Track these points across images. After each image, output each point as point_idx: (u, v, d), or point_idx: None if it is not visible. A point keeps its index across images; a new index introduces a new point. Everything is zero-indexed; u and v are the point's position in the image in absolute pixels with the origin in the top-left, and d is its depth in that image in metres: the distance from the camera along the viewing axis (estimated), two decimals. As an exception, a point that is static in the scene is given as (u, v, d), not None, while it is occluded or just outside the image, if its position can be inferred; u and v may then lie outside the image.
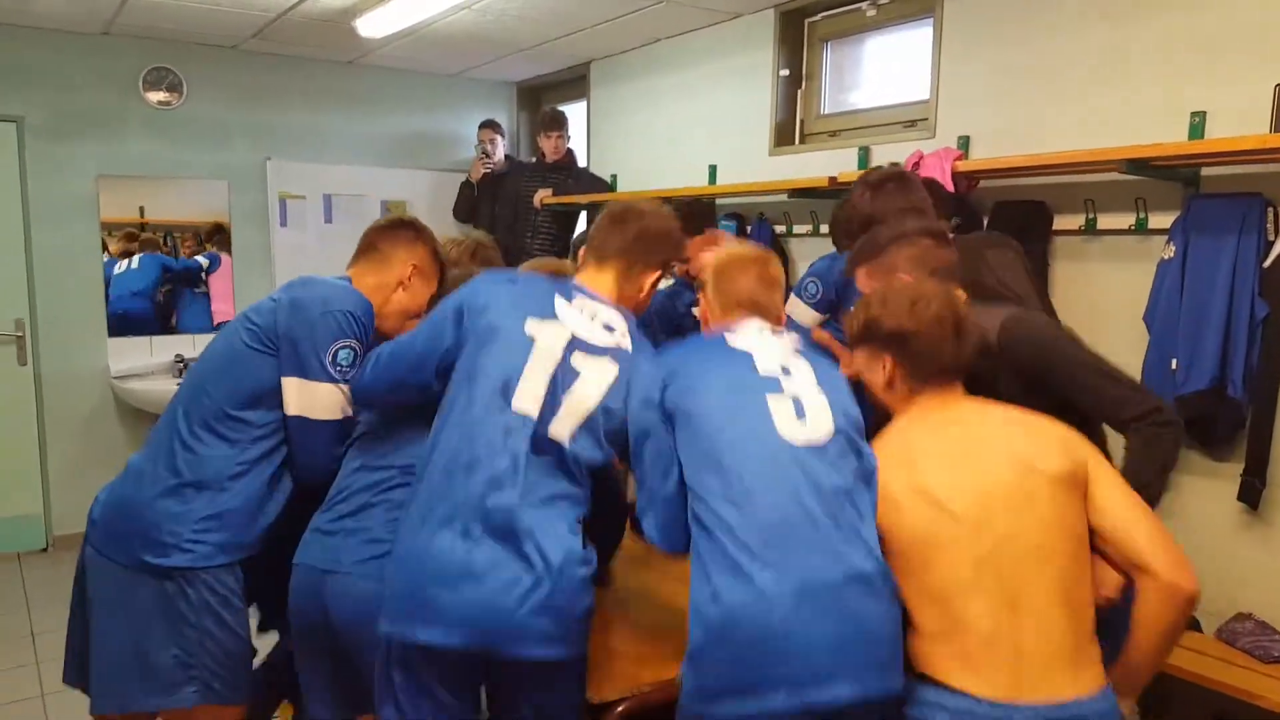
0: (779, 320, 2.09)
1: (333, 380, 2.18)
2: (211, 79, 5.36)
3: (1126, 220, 3.08)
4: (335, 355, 2.18)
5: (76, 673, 2.40)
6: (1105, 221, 3.14)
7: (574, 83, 5.88)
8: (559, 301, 2.01)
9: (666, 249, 2.17)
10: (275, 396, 2.21)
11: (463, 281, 2.18)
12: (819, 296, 2.83)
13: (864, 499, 1.77)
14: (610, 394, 1.96)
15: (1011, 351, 2.04)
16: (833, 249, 2.86)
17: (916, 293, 1.90)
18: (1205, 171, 2.92)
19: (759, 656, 1.63)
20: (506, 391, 1.91)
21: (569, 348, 1.95)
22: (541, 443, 1.89)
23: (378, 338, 2.29)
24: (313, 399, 2.19)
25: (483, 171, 5.71)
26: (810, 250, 4.06)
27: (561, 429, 1.91)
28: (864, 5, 4.06)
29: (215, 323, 5.46)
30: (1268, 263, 2.73)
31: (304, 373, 2.18)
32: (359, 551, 2.03)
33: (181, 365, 5.29)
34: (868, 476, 1.80)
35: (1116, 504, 1.74)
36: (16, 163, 4.95)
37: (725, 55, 4.65)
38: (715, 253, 2.22)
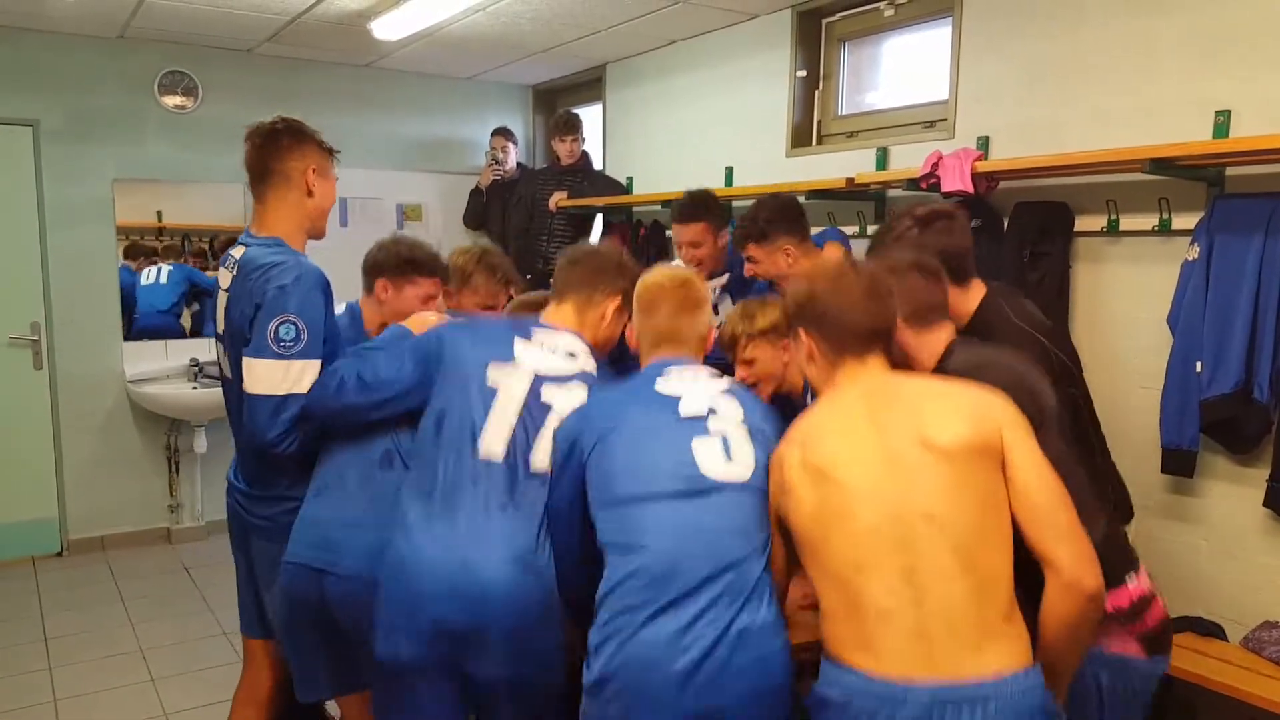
0: (702, 343, 2.17)
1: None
2: (227, 82, 5.37)
3: (1150, 221, 3.03)
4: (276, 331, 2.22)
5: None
6: (1128, 222, 3.09)
7: (589, 85, 5.86)
8: (518, 343, 2.14)
9: (619, 276, 2.27)
10: None
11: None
12: None
13: (767, 528, 1.88)
14: None
15: None
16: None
17: (822, 264, 2.01)
18: (1230, 171, 2.87)
19: (661, 701, 1.74)
20: (474, 438, 2.03)
21: (534, 386, 2.08)
22: (517, 479, 2.01)
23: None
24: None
25: (492, 178, 5.70)
26: (827, 252, 4.02)
27: (544, 463, 2.03)
28: (882, 5, 4.02)
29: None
30: (1294, 264, 2.67)
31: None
32: (360, 553, 2.12)
33: (197, 369, 5.29)
34: None
35: (1032, 488, 1.68)
36: (32, 166, 4.97)
37: (742, 56, 4.63)
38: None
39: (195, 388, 5.23)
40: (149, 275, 5.31)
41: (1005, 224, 3.38)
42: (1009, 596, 1.65)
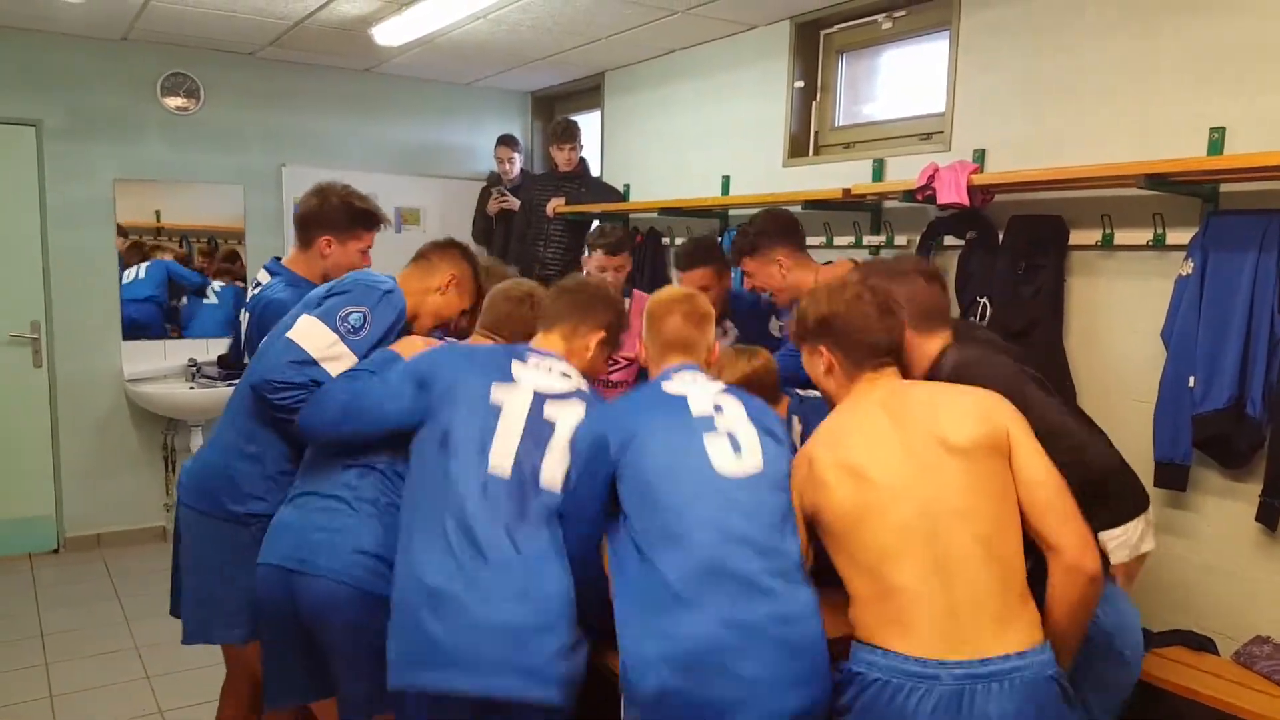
0: (711, 354, 2.28)
1: None
2: (228, 85, 5.40)
3: (1144, 236, 3.05)
4: None
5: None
6: (1122, 237, 3.11)
7: (588, 92, 5.88)
8: (515, 365, 2.20)
9: (605, 310, 2.35)
10: None
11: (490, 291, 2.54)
12: None
13: (792, 517, 1.96)
14: (578, 434, 2.12)
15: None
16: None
17: (837, 282, 2.09)
18: (1224, 188, 2.88)
19: (713, 687, 1.79)
20: (483, 453, 2.07)
21: (536, 404, 2.14)
22: (527, 494, 2.04)
23: (406, 331, 2.52)
24: None
25: (499, 208, 5.72)
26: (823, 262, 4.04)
27: (553, 477, 2.08)
28: (880, 18, 4.05)
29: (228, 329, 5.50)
30: (1288, 280, 2.69)
31: None
32: (333, 555, 2.15)
33: (195, 369, 5.30)
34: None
35: (1036, 479, 1.84)
36: (35, 166, 4.99)
37: (740, 66, 4.65)
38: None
39: (192, 388, 5.24)
40: (130, 274, 5.32)
41: (1000, 237, 3.40)
42: (1024, 580, 1.81)
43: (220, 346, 5.40)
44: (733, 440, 2.00)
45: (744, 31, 4.58)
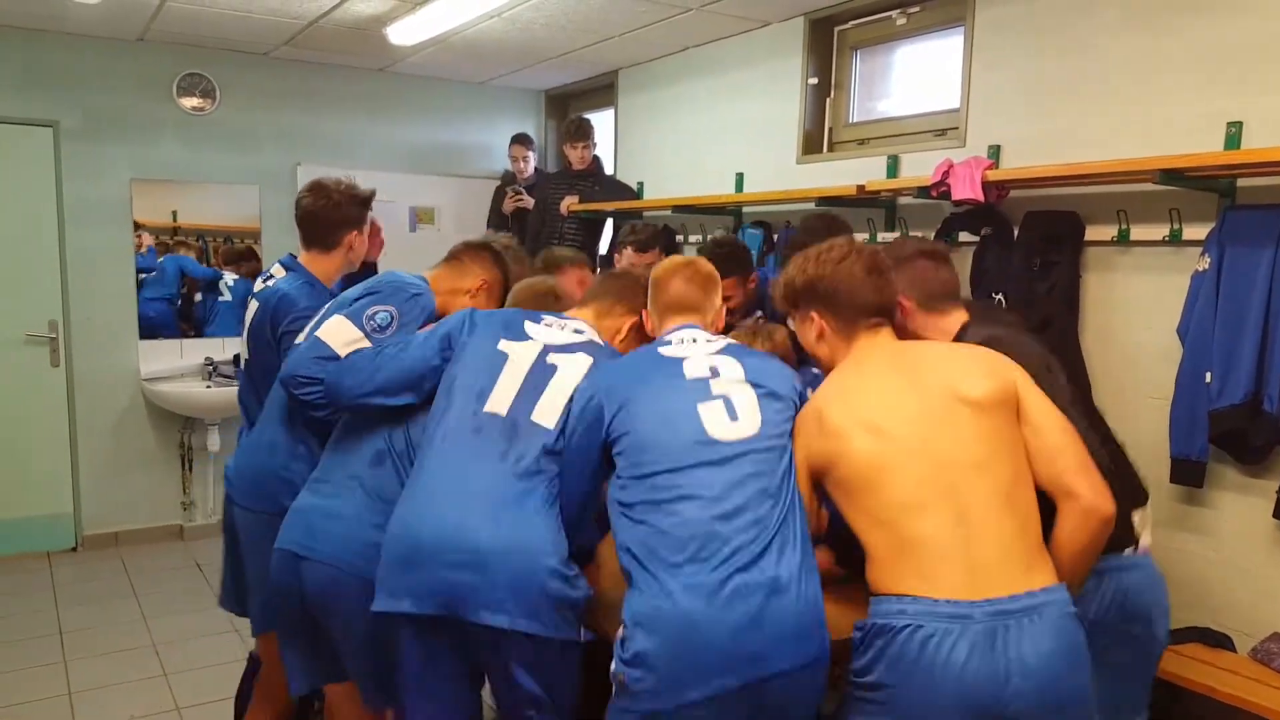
0: (717, 317, 2.27)
1: None
2: (244, 85, 5.43)
3: (1160, 231, 3.03)
4: None
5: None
6: (1138, 233, 3.10)
7: (602, 90, 5.89)
8: (529, 325, 2.27)
9: (645, 299, 2.34)
10: None
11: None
12: None
13: (789, 479, 1.93)
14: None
15: None
16: None
17: (820, 246, 2.06)
18: (1241, 182, 2.87)
19: (703, 651, 1.77)
20: (481, 397, 2.13)
21: (542, 354, 2.19)
22: (518, 429, 2.08)
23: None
24: None
25: (515, 208, 5.73)
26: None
27: (545, 416, 2.10)
28: (894, 14, 4.04)
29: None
30: (1306, 275, 2.67)
31: None
32: (336, 541, 2.19)
33: (212, 368, 5.33)
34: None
35: (1047, 427, 1.86)
36: (52, 166, 5.03)
37: (754, 63, 4.65)
38: None
39: (209, 386, 5.27)
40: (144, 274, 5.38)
41: (1015, 233, 3.39)
42: (1039, 530, 1.81)
43: (237, 345, 5.43)
44: (728, 404, 1.96)
45: (758, 28, 4.57)
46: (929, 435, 1.82)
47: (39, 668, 3.84)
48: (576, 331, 2.27)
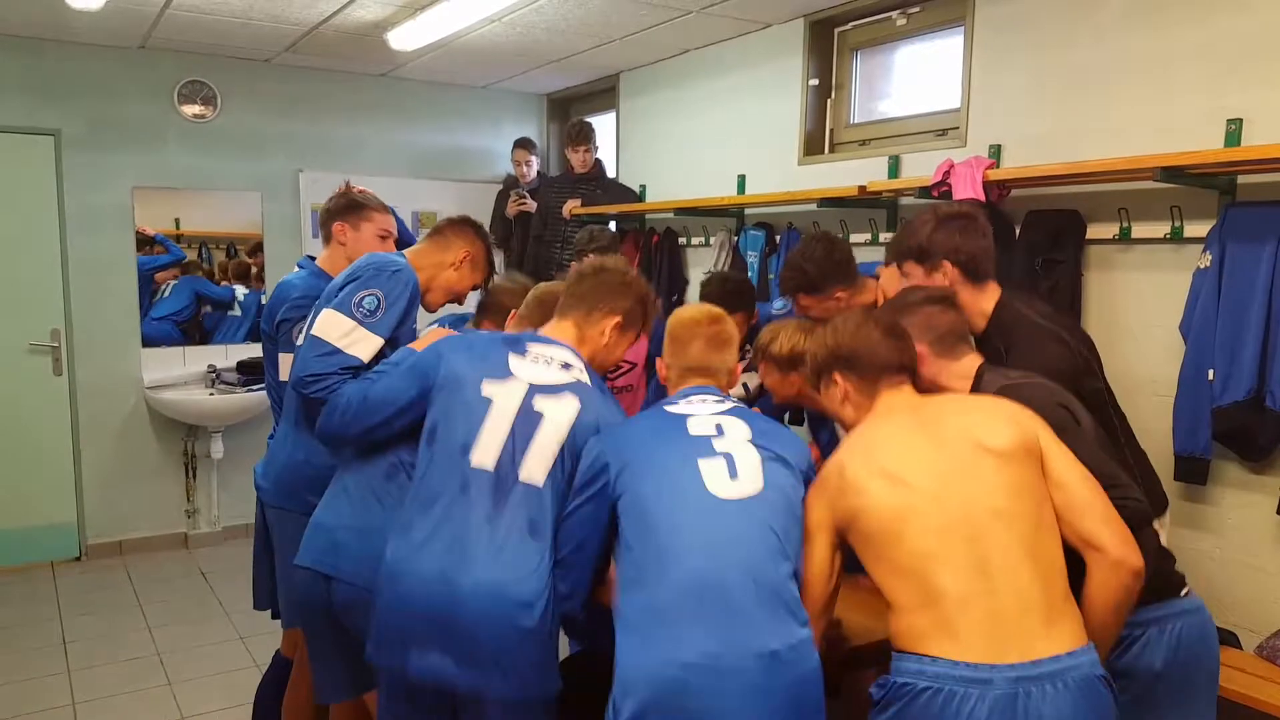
0: (731, 378, 2.24)
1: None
2: (245, 92, 5.44)
3: (1162, 229, 3.03)
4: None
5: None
6: (1140, 230, 3.09)
7: (603, 94, 5.89)
8: (512, 360, 2.17)
9: (622, 295, 2.30)
10: None
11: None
12: None
13: (792, 538, 1.90)
14: (574, 432, 2.08)
15: None
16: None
17: (836, 319, 2.13)
18: (1242, 179, 2.87)
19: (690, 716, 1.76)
20: (465, 450, 2.07)
21: (528, 397, 2.11)
22: (505, 488, 2.04)
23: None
24: None
25: (518, 211, 5.74)
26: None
27: (534, 472, 2.05)
28: (894, 14, 4.04)
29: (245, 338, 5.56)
30: (1308, 272, 2.67)
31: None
32: (357, 560, 2.20)
33: (214, 376, 5.34)
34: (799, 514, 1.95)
35: (1072, 481, 1.85)
36: (54, 174, 5.04)
37: (755, 65, 4.65)
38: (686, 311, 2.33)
39: (212, 394, 5.27)
40: (163, 291, 5.39)
41: (1017, 232, 3.38)
42: (1065, 581, 1.79)
43: (239, 352, 5.45)
44: (730, 461, 1.94)
45: (758, 30, 4.58)
46: (950, 484, 1.82)
47: (44, 678, 3.84)
48: (564, 366, 2.18)
